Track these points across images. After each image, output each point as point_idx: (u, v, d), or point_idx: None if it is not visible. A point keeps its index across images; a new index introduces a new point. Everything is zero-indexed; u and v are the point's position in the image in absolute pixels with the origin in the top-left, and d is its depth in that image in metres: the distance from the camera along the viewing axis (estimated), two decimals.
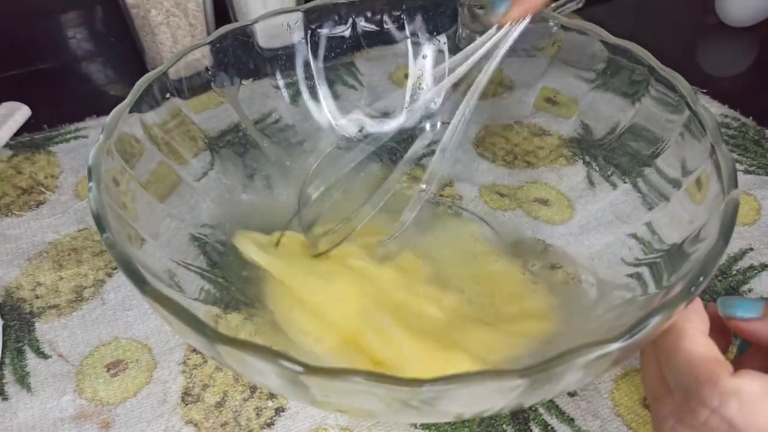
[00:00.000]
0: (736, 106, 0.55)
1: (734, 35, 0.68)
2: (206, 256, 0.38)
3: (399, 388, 0.21)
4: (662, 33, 0.70)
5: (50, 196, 0.48)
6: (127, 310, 0.40)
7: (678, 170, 0.35)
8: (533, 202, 0.45)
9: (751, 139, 0.52)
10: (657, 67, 0.37)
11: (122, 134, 0.34)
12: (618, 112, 0.41)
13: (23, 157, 0.51)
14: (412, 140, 0.46)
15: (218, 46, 0.41)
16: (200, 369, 0.37)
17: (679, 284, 0.27)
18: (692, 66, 0.64)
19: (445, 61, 0.47)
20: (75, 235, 0.45)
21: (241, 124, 0.44)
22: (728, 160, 0.30)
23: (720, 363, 0.26)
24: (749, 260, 0.43)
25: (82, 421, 0.35)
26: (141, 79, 0.36)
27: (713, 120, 0.33)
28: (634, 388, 0.36)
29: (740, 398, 0.25)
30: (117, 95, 0.60)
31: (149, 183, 0.35)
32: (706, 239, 0.29)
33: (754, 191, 0.47)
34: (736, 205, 0.28)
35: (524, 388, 0.22)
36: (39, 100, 0.55)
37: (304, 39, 0.45)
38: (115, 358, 0.38)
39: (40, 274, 0.42)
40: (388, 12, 0.46)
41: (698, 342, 0.27)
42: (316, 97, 0.47)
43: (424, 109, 0.48)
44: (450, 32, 0.48)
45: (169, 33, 0.56)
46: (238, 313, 0.36)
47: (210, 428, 0.35)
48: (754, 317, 0.28)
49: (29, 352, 0.38)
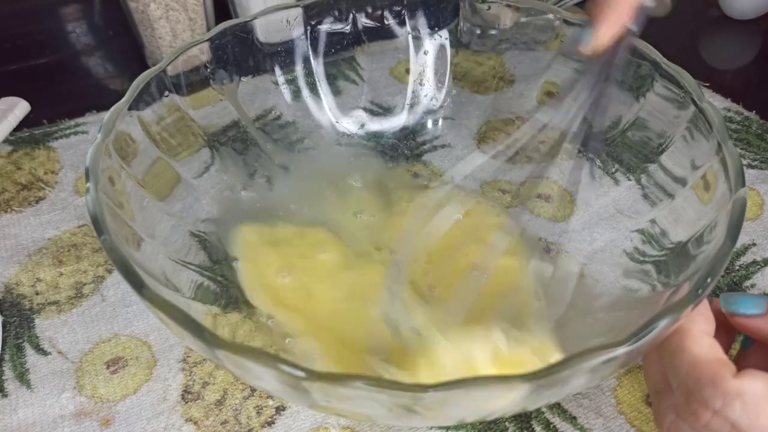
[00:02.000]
0: (739, 99, 0.55)
1: (737, 28, 0.68)
2: (207, 252, 0.38)
3: (402, 394, 0.21)
4: (665, 26, 0.69)
5: (50, 192, 0.48)
6: (126, 307, 0.40)
7: (683, 168, 0.35)
8: (536, 198, 0.45)
9: (754, 133, 0.52)
10: (662, 63, 0.37)
11: (120, 133, 0.33)
12: (622, 107, 0.41)
13: (23, 152, 0.51)
14: (413, 137, 0.46)
15: (217, 43, 0.41)
16: (200, 367, 0.37)
17: (686, 285, 0.27)
18: (695, 59, 0.63)
19: (447, 56, 0.47)
20: (75, 231, 0.45)
21: (241, 122, 0.44)
22: (735, 158, 0.30)
23: (723, 364, 0.26)
24: (752, 255, 0.42)
25: (81, 419, 0.35)
26: (139, 77, 0.36)
27: (719, 117, 0.32)
28: (638, 386, 0.36)
29: (743, 399, 0.24)
30: (116, 90, 0.60)
31: (148, 181, 0.35)
32: (713, 239, 0.28)
33: (758, 186, 0.47)
34: (744, 205, 0.28)
35: (529, 393, 0.22)
36: (38, 95, 0.55)
37: (303, 35, 0.44)
38: (114, 355, 0.38)
39: (39, 271, 0.42)
40: (388, 7, 0.46)
41: (702, 343, 0.27)
42: (316, 93, 0.46)
43: (425, 106, 0.48)
44: (451, 26, 0.47)
45: (169, 27, 0.55)
46: (238, 313, 0.36)
47: (210, 426, 0.35)
48: (756, 314, 0.28)
49: (29, 349, 0.38)
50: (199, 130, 0.41)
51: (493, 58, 0.48)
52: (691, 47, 0.66)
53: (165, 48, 0.57)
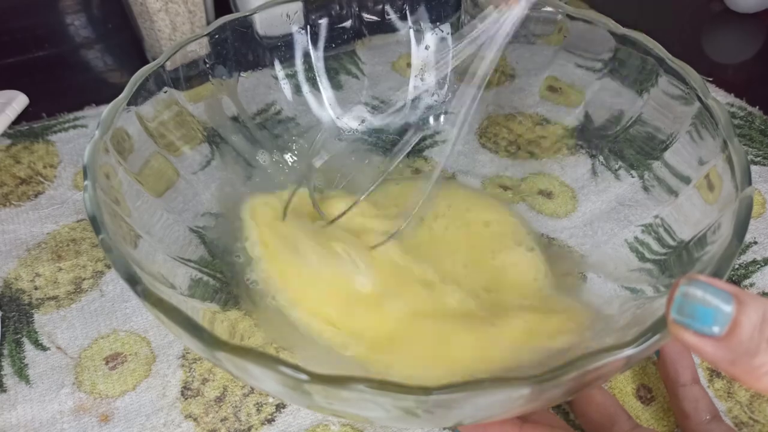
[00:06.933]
0: (742, 94, 0.54)
1: (741, 22, 0.67)
2: (207, 247, 0.38)
3: (405, 396, 0.20)
4: (667, 19, 0.69)
5: (49, 186, 0.47)
6: (125, 302, 0.40)
7: (688, 165, 0.35)
8: (537, 194, 0.44)
9: (757, 129, 0.51)
10: (666, 58, 0.36)
11: (119, 129, 0.33)
12: (625, 103, 0.40)
13: (22, 146, 0.51)
14: (414, 132, 0.46)
15: (216, 38, 0.40)
16: (199, 363, 0.37)
17: None
18: (698, 53, 0.63)
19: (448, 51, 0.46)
20: (74, 226, 0.45)
21: (240, 117, 0.43)
22: (742, 156, 0.29)
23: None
24: (752, 254, 0.42)
25: (80, 414, 0.35)
26: (137, 72, 0.35)
27: (725, 114, 0.32)
28: (627, 381, 0.36)
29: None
30: (116, 83, 0.59)
31: (146, 178, 0.35)
32: (717, 238, 0.28)
33: (760, 184, 0.47)
34: (751, 203, 0.27)
35: (532, 396, 0.22)
36: (37, 89, 0.55)
37: (303, 29, 0.44)
38: (113, 351, 0.38)
39: (38, 265, 0.42)
40: (389, 1, 0.46)
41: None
42: (316, 88, 0.46)
43: (426, 101, 0.47)
44: (453, 20, 0.47)
45: (168, 20, 0.55)
46: (238, 310, 0.36)
47: (210, 423, 0.35)
48: (710, 333, 0.20)
49: (28, 344, 0.38)
50: (198, 125, 0.40)
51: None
52: (693, 41, 0.65)
53: (164, 41, 0.56)
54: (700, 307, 0.20)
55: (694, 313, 0.20)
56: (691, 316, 0.20)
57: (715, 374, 0.36)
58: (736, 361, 0.20)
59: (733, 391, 0.36)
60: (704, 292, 0.20)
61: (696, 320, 0.20)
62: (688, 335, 0.21)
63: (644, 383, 0.36)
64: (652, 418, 0.35)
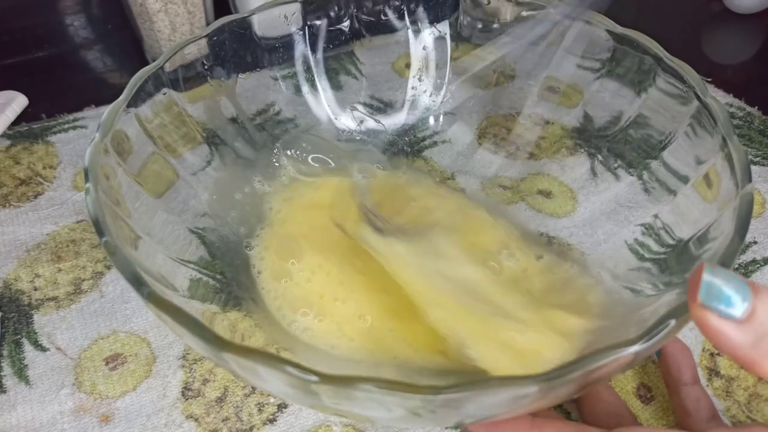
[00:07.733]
0: (741, 95, 0.54)
1: (740, 22, 0.67)
2: (207, 248, 0.38)
3: (413, 396, 0.20)
4: (666, 19, 0.69)
5: (48, 187, 0.47)
6: (125, 303, 0.40)
7: (687, 164, 0.35)
8: (536, 194, 0.44)
9: (756, 129, 0.51)
10: (664, 57, 0.36)
11: (118, 131, 0.33)
12: (623, 103, 0.41)
13: (21, 147, 0.51)
14: (413, 132, 0.46)
15: (215, 39, 0.40)
16: (200, 364, 0.37)
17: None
18: (697, 54, 0.63)
19: (447, 51, 0.47)
20: (73, 227, 0.45)
21: (239, 118, 0.43)
22: (741, 154, 0.29)
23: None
24: (752, 254, 0.42)
25: (81, 415, 0.35)
26: (136, 74, 0.35)
27: (724, 112, 0.32)
28: (627, 380, 0.36)
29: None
30: (115, 84, 0.59)
31: (146, 179, 0.35)
32: (718, 236, 0.28)
33: (760, 184, 0.47)
34: (751, 200, 0.27)
35: (539, 395, 0.22)
36: (36, 89, 0.55)
37: (301, 30, 0.44)
38: (113, 352, 0.38)
39: (38, 266, 0.42)
40: (388, 1, 0.46)
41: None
42: (315, 88, 0.46)
43: (425, 100, 0.48)
44: (452, 20, 0.47)
45: (168, 21, 0.55)
46: (238, 311, 0.36)
47: (211, 423, 0.35)
48: (733, 316, 0.22)
49: (27, 345, 0.38)
50: (197, 126, 0.40)
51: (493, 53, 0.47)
52: (692, 41, 0.65)
53: (164, 42, 0.56)
54: (724, 290, 0.22)
55: (720, 295, 0.22)
56: (718, 298, 0.22)
57: (714, 374, 0.36)
58: (757, 343, 0.21)
59: (731, 391, 0.36)
60: (725, 277, 0.22)
61: (721, 302, 0.22)
62: (712, 319, 0.22)
63: (644, 382, 0.36)
64: (651, 418, 0.35)
